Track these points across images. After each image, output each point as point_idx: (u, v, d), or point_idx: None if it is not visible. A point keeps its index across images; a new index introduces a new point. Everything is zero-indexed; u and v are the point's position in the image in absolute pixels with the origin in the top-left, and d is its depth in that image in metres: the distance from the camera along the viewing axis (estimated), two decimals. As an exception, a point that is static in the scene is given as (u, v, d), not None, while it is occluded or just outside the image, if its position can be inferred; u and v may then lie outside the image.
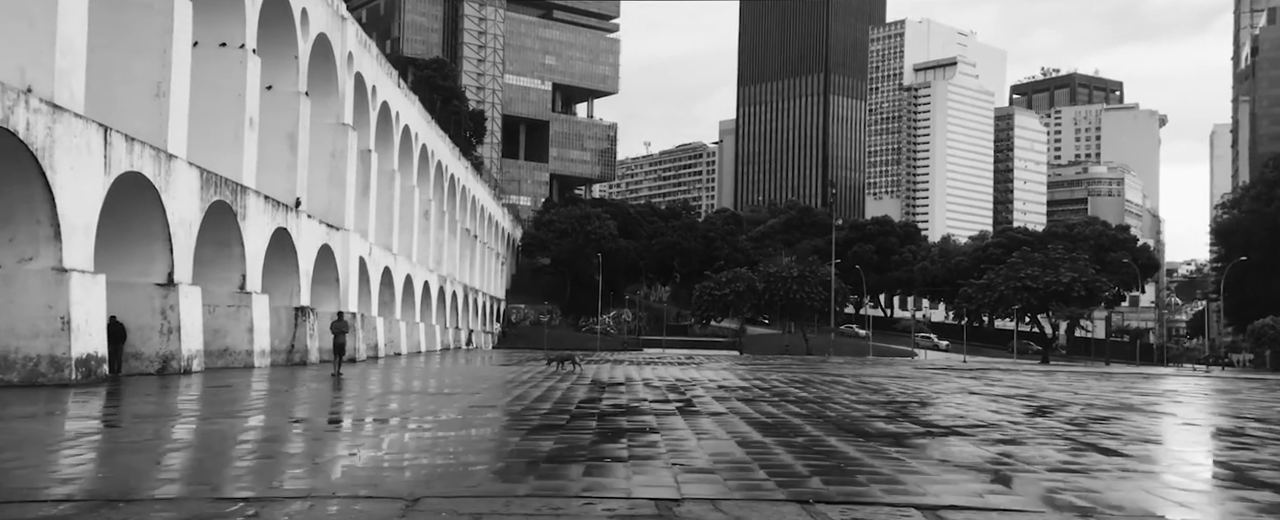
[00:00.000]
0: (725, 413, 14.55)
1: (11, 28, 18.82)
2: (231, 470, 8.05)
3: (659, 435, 10.73)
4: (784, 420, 13.31)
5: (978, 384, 27.70)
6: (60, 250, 18.91)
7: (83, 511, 5.77)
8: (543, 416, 13.15)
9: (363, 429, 12.10)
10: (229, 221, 27.36)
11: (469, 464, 8.23)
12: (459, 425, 12.06)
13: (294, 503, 6.14)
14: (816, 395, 19.74)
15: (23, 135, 17.66)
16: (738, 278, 70.15)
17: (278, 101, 32.84)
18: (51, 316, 18.71)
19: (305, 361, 32.73)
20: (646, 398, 17.58)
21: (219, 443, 10.32)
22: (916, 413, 15.32)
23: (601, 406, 15.26)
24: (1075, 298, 60.07)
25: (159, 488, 6.96)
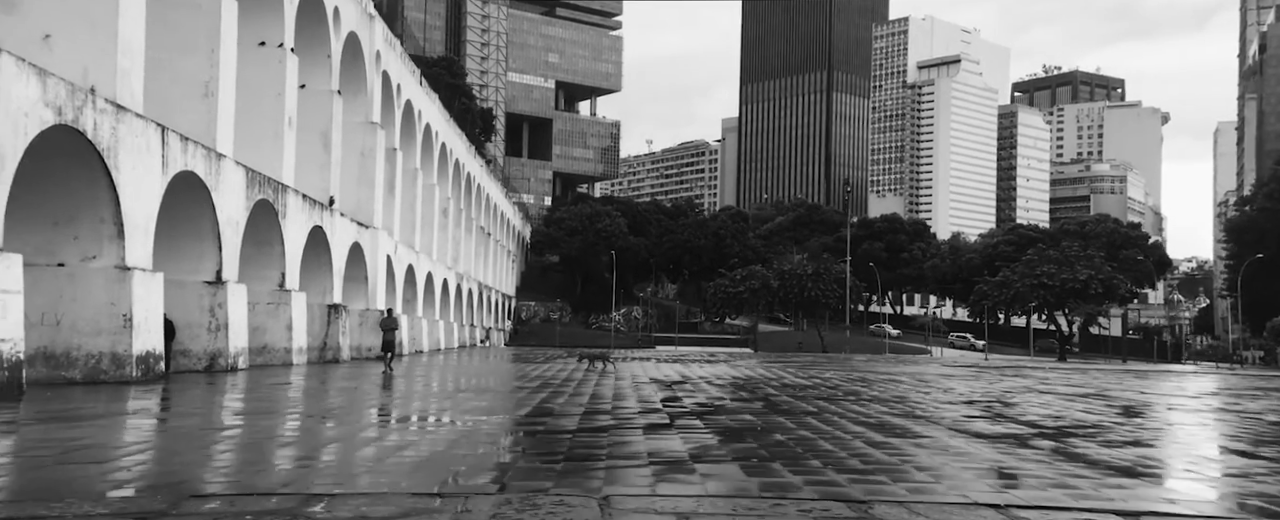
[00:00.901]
0: (816, 411, 14.52)
1: (74, 28, 19.00)
2: (392, 465, 8.14)
3: (782, 436, 10.75)
4: (887, 420, 13.20)
5: (1031, 382, 27.42)
6: (123, 249, 19.08)
7: (300, 504, 5.96)
8: (643, 415, 13.28)
9: (490, 424, 12.10)
10: (270, 220, 27.55)
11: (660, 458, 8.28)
12: (583, 428, 11.93)
13: (482, 499, 6.30)
14: (889, 394, 19.66)
15: (90, 135, 17.83)
16: (753, 275, 70.31)
17: (311, 100, 32.98)
18: (114, 314, 18.88)
19: (337, 359, 32.91)
20: (723, 396, 17.67)
21: (350, 438, 10.44)
22: (1010, 413, 15.28)
23: (688, 405, 15.32)
24: (1092, 295, 60.30)
25: (349, 481, 7.11)
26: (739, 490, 6.95)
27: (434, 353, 48.12)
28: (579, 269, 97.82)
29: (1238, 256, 78.30)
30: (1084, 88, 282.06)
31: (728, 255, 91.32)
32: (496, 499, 6.24)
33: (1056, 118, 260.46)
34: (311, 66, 32.90)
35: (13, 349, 15.19)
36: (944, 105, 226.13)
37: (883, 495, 6.80)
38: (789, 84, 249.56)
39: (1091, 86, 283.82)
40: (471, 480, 7.10)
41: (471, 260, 67.95)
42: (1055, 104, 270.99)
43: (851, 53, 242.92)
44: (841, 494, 6.78)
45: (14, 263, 15.48)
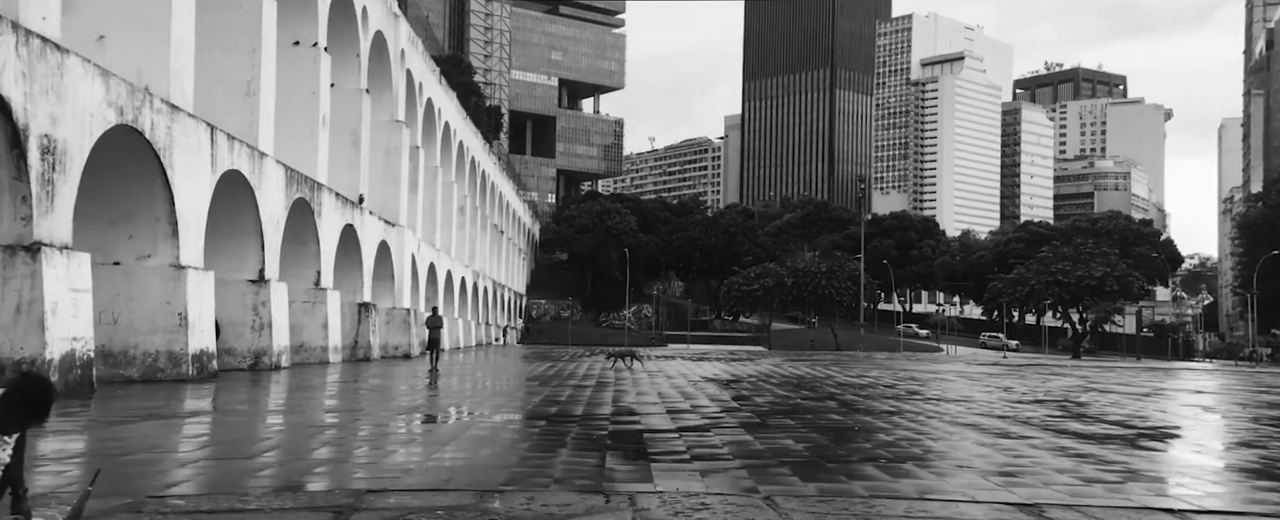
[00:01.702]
0: (895, 410, 14.43)
1: (128, 29, 19.08)
2: (532, 466, 8.21)
3: (886, 437, 10.68)
4: (976, 421, 13.04)
5: (1074, 380, 27.25)
6: (177, 248, 19.18)
7: (478, 500, 6.07)
8: (728, 414, 13.33)
9: (583, 423, 12.09)
10: (307, 219, 27.64)
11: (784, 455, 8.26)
12: (683, 426, 11.83)
13: (649, 497, 6.38)
14: (951, 393, 19.58)
15: (148, 134, 17.93)
16: (766, 273, 70.39)
17: (341, 99, 33.06)
18: (169, 313, 18.98)
19: (368, 357, 33.01)
20: (791, 395, 17.64)
21: (460, 434, 10.46)
22: (1089, 412, 15.17)
23: (762, 404, 15.32)
24: (1107, 292, 60.36)
25: (502, 478, 7.20)
26: (923, 491, 6.84)
27: (454, 351, 48.26)
28: (589, 267, 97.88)
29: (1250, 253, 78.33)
30: (1086, 84, 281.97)
31: (738, 253, 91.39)
32: (658, 499, 6.29)
33: (1059, 114, 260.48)
34: (341, 65, 32.98)
35: (84, 347, 15.30)
36: (948, 102, 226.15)
37: (1051, 500, 6.65)
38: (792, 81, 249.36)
39: (1093, 83, 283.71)
40: (622, 481, 7.11)
41: (486, 258, 68.07)
42: (1057, 101, 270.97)
43: (854, 50, 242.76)
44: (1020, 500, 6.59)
45: (83, 262, 15.60)
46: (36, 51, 14.38)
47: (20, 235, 14.31)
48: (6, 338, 14.03)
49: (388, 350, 36.18)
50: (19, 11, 14.37)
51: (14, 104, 13.85)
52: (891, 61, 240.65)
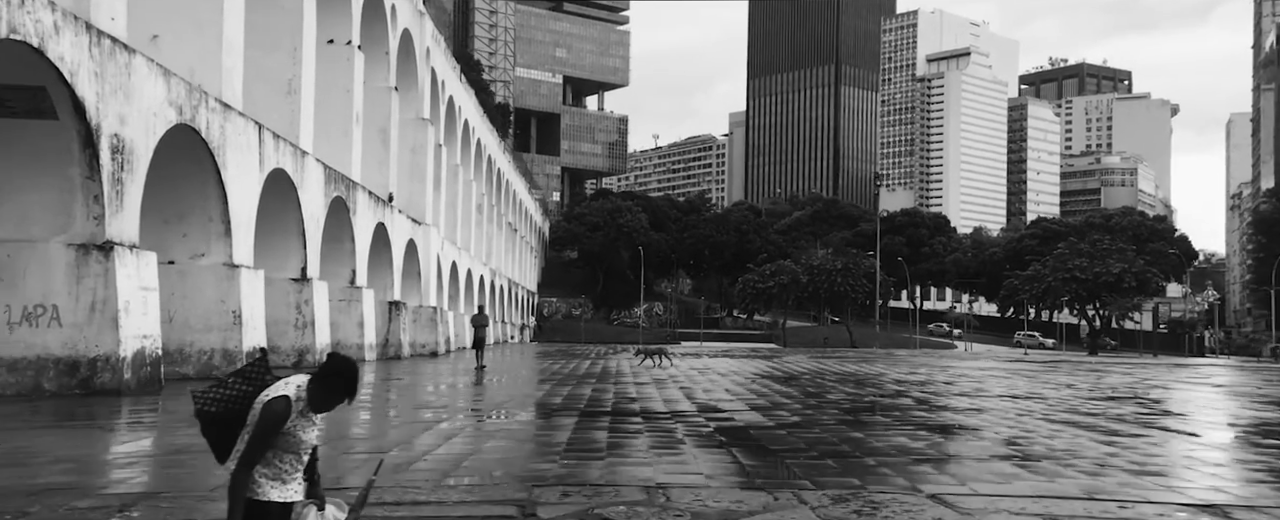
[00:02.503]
0: (978, 409, 14.33)
1: (181, 28, 19.16)
2: (650, 458, 8.29)
3: (998, 435, 10.50)
4: (1072, 419, 12.97)
5: (1123, 377, 27.06)
6: (230, 246, 19.27)
7: (648, 497, 6.15)
8: (819, 410, 13.35)
9: (689, 420, 12.09)
10: (342, 217, 27.73)
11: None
12: (786, 423, 11.80)
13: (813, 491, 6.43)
14: (1021, 390, 19.45)
15: (204, 134, 18.02)
16: (781, 270, 70.41)
17: (371, 97, 33.10)
18: (223, 311, 19.08)
19: (399, 355, 33.11)
20: (859, 393, 17.59)
21: (584, 436, 10.37)
22: (1174, 408, 15.13)
23: (838, 402, 15.23)
24: (1125, 289, 60.33)
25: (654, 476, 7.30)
26: (1088, 491, 6.81)
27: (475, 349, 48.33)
28: (600, 265, 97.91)
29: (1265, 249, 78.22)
30: (1091, 80, 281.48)
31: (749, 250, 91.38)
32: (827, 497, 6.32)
33: (1064, 110, 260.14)
34: (371, 63, 33.02)
35: (153, 345, 15.40)
36: (954, 98, 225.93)
37: (1227, 502, 6.56)
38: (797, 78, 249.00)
39: (1098, 79, 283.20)
40: (769, 478, 7.09)
41: (501, 256, 68.17)
42: (1062, 96, 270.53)
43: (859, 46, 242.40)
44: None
45: (150, 260, 15.70)
46: (107, 52, 14.48)
47: (93, 234, 14.41)
48: (82, 335, 14.13)
49: (416, 348, 36.28)
50: (90, 12, 14.45)
51: (87, 104, 13.94)
52: (897, 58, 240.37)
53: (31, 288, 13.99)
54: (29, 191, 14.16)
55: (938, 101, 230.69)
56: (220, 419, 3.49)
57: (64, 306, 14.09)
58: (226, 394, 3.51)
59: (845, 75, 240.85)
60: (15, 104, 13.52)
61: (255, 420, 3.41)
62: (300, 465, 3.51)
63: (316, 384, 3.45)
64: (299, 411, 3.43)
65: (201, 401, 3.52)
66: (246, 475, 3.38)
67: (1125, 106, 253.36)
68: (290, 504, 3.46)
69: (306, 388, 3.46)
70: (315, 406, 3.45)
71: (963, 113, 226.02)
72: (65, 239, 14.27)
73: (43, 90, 13.49)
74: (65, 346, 14.06)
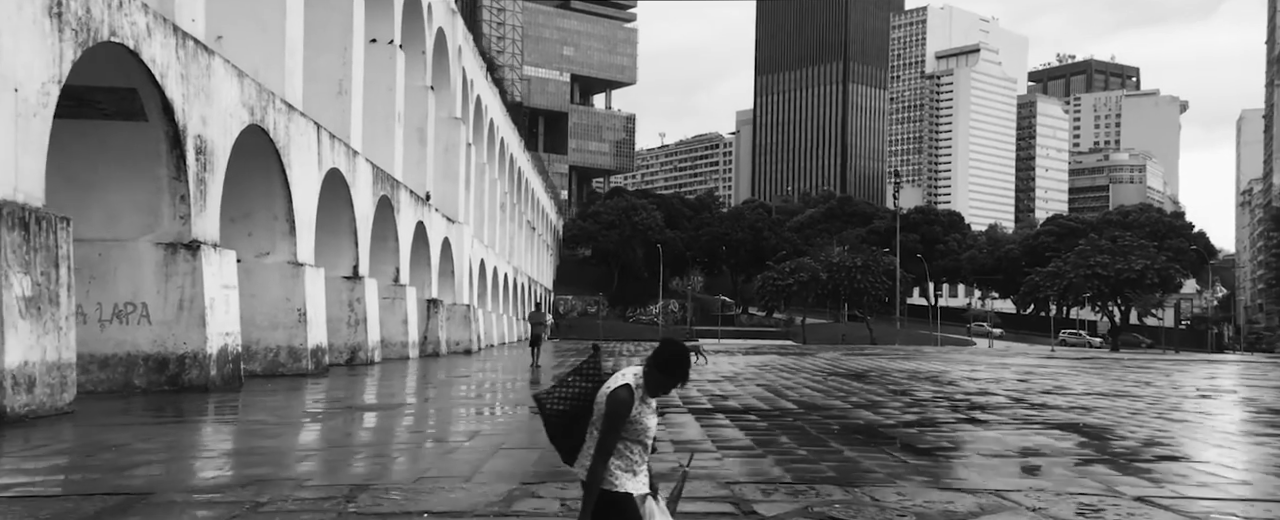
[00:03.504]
0: (1085, 408, 14.23)
1: (245, 29, 19.33)
2: (805, 455, 8.33)
3: (1135, 438, 10.35)
4: (1190, 419, 12.93)
5: (1182, 376, 26.77)
6: (294, 245, 19.45)
7: (846, 494, 6.27)
8: (918, 407, 13.32)
9: (813, 416, 12.16)
10: (387, 216, 27.92)
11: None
12: (906, 421, 11.75)
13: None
14: (1107, 389, 19.36)
15: (272, 134, 18.20)
16: (801, 267, 70.49)
17: (409, 96, 33.29)
18: (289, 309, 19.26)
19: (437, 353, 33.29)
20: (946, 390, 17.42)
21: (712, 432, 10.29)
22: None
23: (935, 400, 15.27)
24: (1148, 285, 60.27)
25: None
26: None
27: (499, 346, 48.58)
28: (615, 263, 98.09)
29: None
30: (1099, 76, 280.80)
31: (764, 248, 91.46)
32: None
33: (1073, 107, 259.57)
34: (409, 63, 33.22)
35: (234, 342, 15.59)
36: (963, 95, 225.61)
37: None
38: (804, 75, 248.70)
39: (1106, 75, 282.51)
40: (942, 476, 7.13)
41: (521, 254, 68.36)
42: (1069, 93, 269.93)
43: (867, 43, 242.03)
44: None
45: (231, 259, 15.89)
46: (191, 53, 14.66)
47: (179, 234, 14.60)
48: (170, 333, 14.32)
49: (450, 346, 36.45)
50: (175, 14, 14.63)
51: (175, 105, 14.13)
52: (906, 54, 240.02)
53: (122, 286, 14.18)
54: (118, 192, 14.35)
55: (947, 99, 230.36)
56: (568, 418, 3.58)
57: (153, 304, 14.28)
58: (570, 393, 3.60)
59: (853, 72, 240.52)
60: (107, 106, 13.70)
61: (603, 413, 3.49)
62: (647, 454, 3.58)
63: (652, 370, 3.52)
64: (640, 399, 3.51)
65: (549, 402, 3.61)
66: (603, 467, 3.45)
67: (1134, 103, 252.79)
68: (642, 495, 3.51)
69: (642, 375, 3.54)
70: (651, 392, 3.53)
71: (972, 110, 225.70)
72: (153, 238, 14.46)
73: (134, 92, 13.68)
74: (154, 344, 14.25)
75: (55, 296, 10.72)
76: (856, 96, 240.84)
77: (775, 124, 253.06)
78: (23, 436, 8.96)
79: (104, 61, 12.92)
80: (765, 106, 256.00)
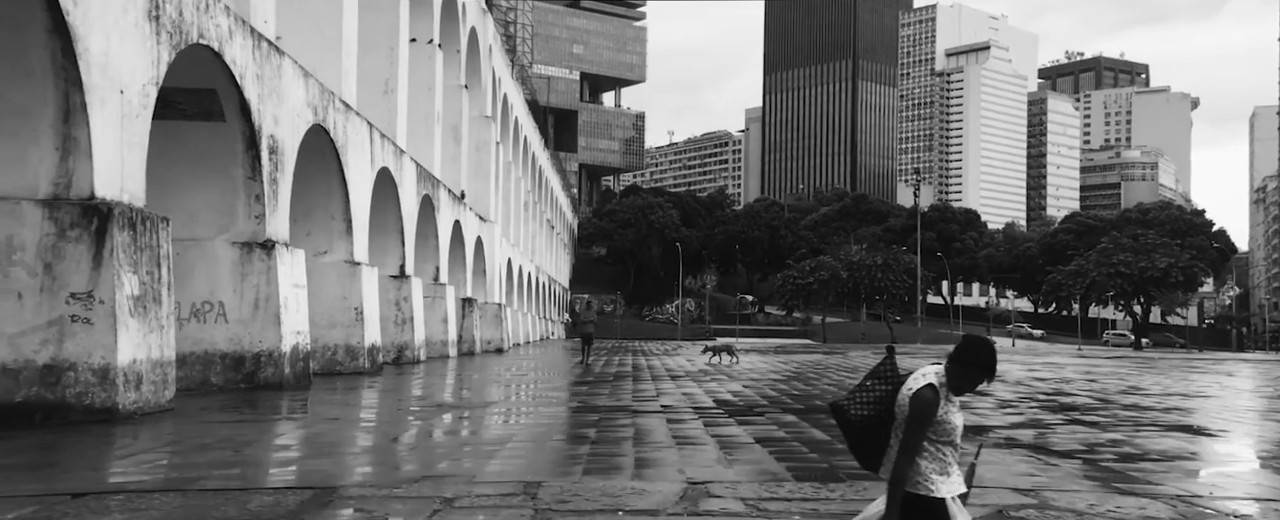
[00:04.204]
0: (1186, 409, 14.13)
1: (303, 29, 19.42)
2: None
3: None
4: None
5: (1250, 379, 26.36)
6: (351, 244, 19.57)
7: (1040, 504, 6.25)
8: (1017, 406, 13.28)
9: None
10: (428, 215, 28.01)
11: None
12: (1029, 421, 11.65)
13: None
14: (1193, 390, 19.16)
15: (332, 134, 18.31)
16: (822, 266, 70.47)
17: (445, 95, 33.36)
18: (346, 308, 19.37)
19: (473, 351, 33.38)
20: (1035, 388, 17.19)
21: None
22: None
23: (1024, 400, 15.13)
24: (1172, 283, 60.08)
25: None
26: None
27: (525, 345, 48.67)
28: (631, 261, 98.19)
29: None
30: (1108, 73, 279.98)
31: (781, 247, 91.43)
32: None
33: (1083, 104, 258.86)
34: (445, 62, 33.32)
35: (304, 340, 15.72)
36: (973, 93, 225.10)
37: None
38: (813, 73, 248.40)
39: (1115, 72, 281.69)
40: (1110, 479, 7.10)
41: (541, 252, 68.48)
42: (1079, 90, 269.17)
43: (877, 41, 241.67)
44: None
45: (300, 258, 16.02)
46: (264, 55, 14.77)
47: (254, 233, 14.71)
48: (246, 331, 14.44)
49: (486, 345, 36.56)
50: (250, 15, 14.74)
51: (252, 105, 14.24)
52: (916, 52, 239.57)
53: (199, 285, 14.29)
54: (195, 192, 14.46)
55: (957, 96, 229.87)
56: (872, 422, 3.52)
57: (229, 303, 14.40)
58: (872, 397, 3.55)
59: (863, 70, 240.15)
60: (187, 107, 13.82)
61: (907, 414, 3.45)
62: (956, 455, 3.53)
63: (955, 367, 3.47)
64: (944, 397, 3.47)
65: (852, 409, 3.56)
66: (909, 468, 3.41)
67: (1145, 100, 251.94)
68: (954, 498, 3.45)
69: (944, 373, 3.49)
70: (955, 389, 3.48)
71: (982, 107, 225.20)
72: (229, 237, 14.58)
73: (213, 93, 13.79)
74: (231, 342, 14.37)
75: (158, 295, 10.84)
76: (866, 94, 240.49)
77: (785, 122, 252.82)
78: (148, 432, 9.11)
79: (187, 63, 13.02)
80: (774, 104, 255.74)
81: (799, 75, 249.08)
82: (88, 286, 9.75)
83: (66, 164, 9.86)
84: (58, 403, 9.59)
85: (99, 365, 9.74)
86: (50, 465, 7.23)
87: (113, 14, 10.27)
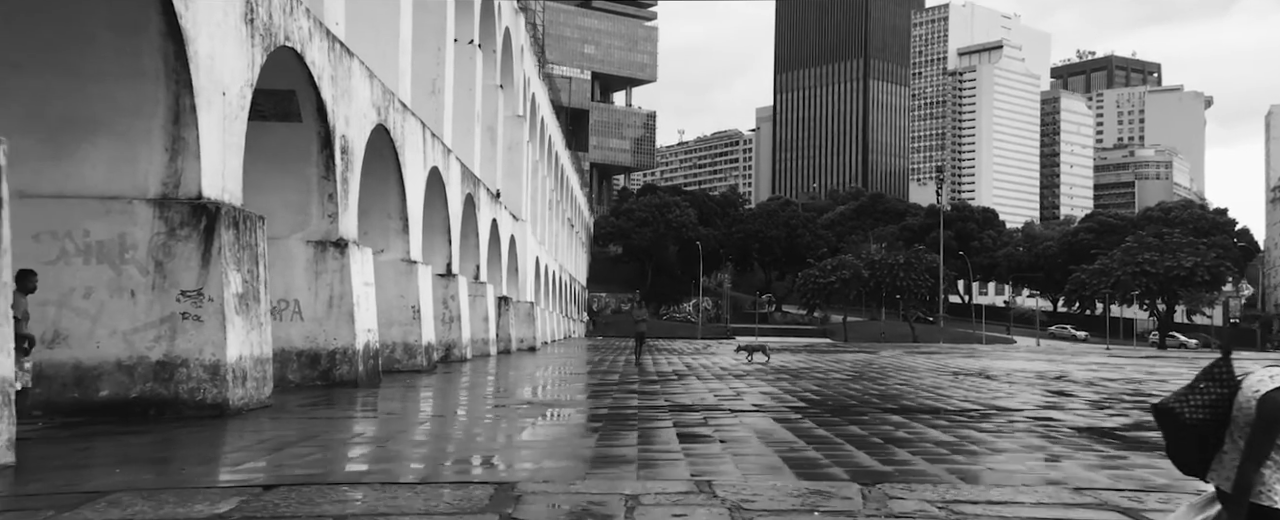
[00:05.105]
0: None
1: (361, 29, 19.57)
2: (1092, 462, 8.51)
3: None
4: None
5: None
6: (407, 243, 19.73)
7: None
8: (1084, 408, 13.28)
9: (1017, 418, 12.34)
10: (470, 214, 28.18)
11: None
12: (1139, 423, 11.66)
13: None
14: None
15: (393, 134, 18.48)
16: (843, 265, 70.45)
17: (484, 95, 33.53)
18: (403, 306, 19.54)
19: (509, 350, 33.53)
20: (1110, 387, 17.43)
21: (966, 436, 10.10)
22: None
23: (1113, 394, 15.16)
24: (1198, 282, 59.90)
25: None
26: None
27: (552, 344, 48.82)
28: (649, 260, 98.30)
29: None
30: (1120, 72, 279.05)
31: (798, 245, 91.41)
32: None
33: (1096, 103, 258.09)
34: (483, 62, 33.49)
35: (374, 338, 15.88)
36: (986, 92, 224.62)
37: None
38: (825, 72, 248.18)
39: (1127, 71, 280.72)
40: None
41: (563, 251, 68.65)
42: (1090, 89, 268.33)
43: (888, 40, 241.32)
44: None
45: (369, 257, 16.18)
46: (337, 56, 14.94)
47: (328, 232, 14.88)
48: (321, 329, 14.60)
49: (520, 343, 36.72)
50: (324, 16, 14.90)
51: (328, 106, 14.40)
52: (928, 51, 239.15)
53: (275, 283, 14.40)
54: (271, 191, 14.61)
55: (969, 95, 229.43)
56: (1208, 427, 3.34)
57: (305, 302, 14.57)
58: (1206, 400, 3.35)
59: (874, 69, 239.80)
60: (266, 108, 13.97)
61: (1253, 418, 3.19)
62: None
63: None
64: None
65: (1186, 412, 3.37)
66: (1255, 475, 3.18)
67: (1158, 99, 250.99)
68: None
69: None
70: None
71: (995, 106, 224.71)
72: (303, 236, 14.75)
73: (292, 94, 13.96)
74: (307, 340, 14.54)
75: (257, 294, 11.01)
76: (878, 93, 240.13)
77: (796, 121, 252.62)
78: (267, 426, 9.27)
79: (270, 65, 13.18)
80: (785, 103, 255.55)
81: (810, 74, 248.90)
82: (197, 284, 9.92)
83: (175, 164, 10.02)
84: (171, 398, 9.76)
85: (210, 361, 9.90)
86: (205, 459, 7.38)
87: (216, 17, 10.43)
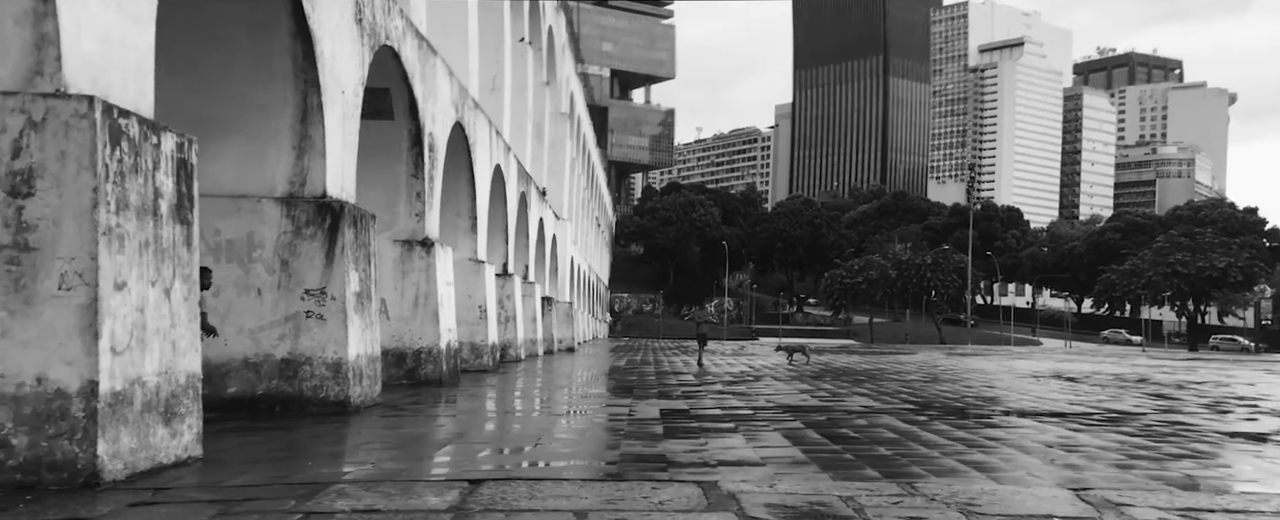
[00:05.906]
0: None
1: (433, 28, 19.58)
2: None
3: None
4: None
5: None
6: (475, 242, 19.75)
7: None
8: (1207, 412, 13.15)
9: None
10: (522, 213, 28.20)
11: None
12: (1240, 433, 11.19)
13: None
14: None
15: (466, 131, 18.51)
16: (870, 265, 70.21)
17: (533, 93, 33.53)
18: (470, 305, 19.54)
19: (552, 350, 33.55)
20: (1185, 393, 16.81)
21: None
22: None
23: (1189, 406, 14.48)
24: (1231, 283, 59.38)
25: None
26: None
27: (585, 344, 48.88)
28: (671, 260, 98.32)
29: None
30: (1141, 69, 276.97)
31: (821, 245, 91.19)
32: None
33: (1118, 100, 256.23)
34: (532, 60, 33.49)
35: (454, 338, 15.91)
36: (1007, 89, 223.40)
37: None
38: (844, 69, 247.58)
39: (1149, 68, 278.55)
40: None
41: (590, 251, 68.69)
42: (1111, 86, 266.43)
43: (908, 37, 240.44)
44: None
45: (449, 256, 16.19)
46: (424, 54, 14.96)
47: (414, 231, 14.91)
48: (407, 328, 14.64)
49: (557, 343, 36.72)
50: (411, 15, 14.92)
51: (419, 104, 14.43)
52: (948, 48, 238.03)
53: (365, 282, 14.49)
54: (361, 190, 14.59)
55: (991, 92, 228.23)
56: None
57: (391, 300, 14.60)
58: None
59: (894, 66, 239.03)
60: (363, 106, 14.00)
61: None
62: None
63: None
64: None
65: None
66: None
67: (1180, 96, 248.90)
68: None
69: None
70: None
71: (1017, 103, 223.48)
72: (391, 235, 14.77)
73: (386, 92, 13.99)
74: (393, 339, 14.57)
75: (370, 292, 11.04)
76: (898, 90, 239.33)
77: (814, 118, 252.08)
78: (397, 423, 9.26)
79: (372, 63, 13.22)
80: (804, 101, 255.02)
81: (829, 72, 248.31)
82: (320, 283, 9.95)
83: (302, 163, 10.06)
84: (295, 395, 9.80)
85: (332, 360, 9.94)
86: (390, 452, 7.38)
87: (334, 18, 10.46)
